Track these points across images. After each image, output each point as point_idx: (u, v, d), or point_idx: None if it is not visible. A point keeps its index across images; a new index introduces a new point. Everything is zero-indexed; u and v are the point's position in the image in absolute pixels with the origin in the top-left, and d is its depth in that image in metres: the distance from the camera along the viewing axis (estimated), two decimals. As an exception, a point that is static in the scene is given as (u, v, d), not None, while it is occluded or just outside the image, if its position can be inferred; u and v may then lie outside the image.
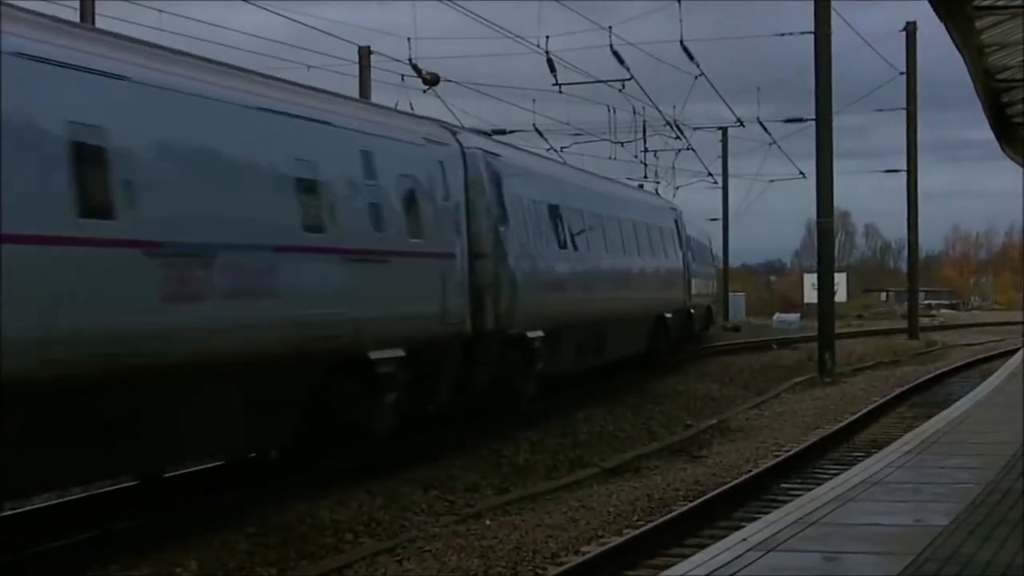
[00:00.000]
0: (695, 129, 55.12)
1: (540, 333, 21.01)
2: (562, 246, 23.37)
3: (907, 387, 28.11)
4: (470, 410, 19.51)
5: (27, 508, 13.10)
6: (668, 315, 32.19)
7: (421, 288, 16.58)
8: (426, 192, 17.02)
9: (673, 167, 51.24)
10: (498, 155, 20.49)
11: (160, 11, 31.20)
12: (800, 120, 49.74)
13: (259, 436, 14.06)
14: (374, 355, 15.13)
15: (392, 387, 15.65)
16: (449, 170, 17.94)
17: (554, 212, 23.06)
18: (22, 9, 11.13)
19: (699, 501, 14.26)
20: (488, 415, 20.34)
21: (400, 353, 15.65)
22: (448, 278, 17.22)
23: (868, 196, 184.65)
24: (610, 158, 45.72)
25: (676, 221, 36.53)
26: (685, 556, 9.80)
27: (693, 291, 37.79)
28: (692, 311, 37.18)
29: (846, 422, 21.59)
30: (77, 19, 23.66)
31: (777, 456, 17.98)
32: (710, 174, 56.34)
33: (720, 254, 63.10)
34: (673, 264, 34.10)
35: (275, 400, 13.69)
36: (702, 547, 9.80)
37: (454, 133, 19.24)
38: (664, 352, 32.02)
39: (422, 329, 16.50)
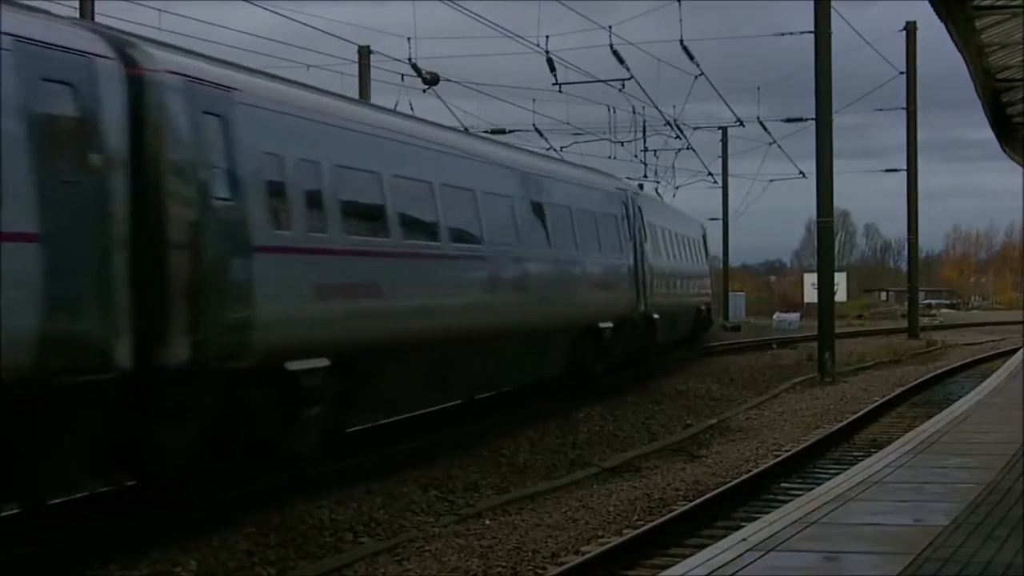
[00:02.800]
0: (695, 129, 55.31)
1: None
2: None
3: (907, 387, 28.10)
4: None
5: (26, 508, 13.10)
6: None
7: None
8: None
9: (673, 167, 51.40)
10: None
11: (160, 11, 31.27)
12: (800, 120, 49.80)
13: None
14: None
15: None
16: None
17: None
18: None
19: (699, 501, 14.25)
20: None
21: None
22: None
23: (868, 196, 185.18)
24: (610, 157, 45.82)
25: None
26: (685, 556, 9.80)
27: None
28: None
29: (846, 422, 21.58)
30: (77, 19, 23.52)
31: (777, 456, 17.97)
32: (710, 174, 56.50)
33: (715, 252, 63.06)
34: None
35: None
36: (702, 547, 9.80)
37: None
38: None
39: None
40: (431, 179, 17.57)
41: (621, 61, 34.67)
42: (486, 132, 39.09)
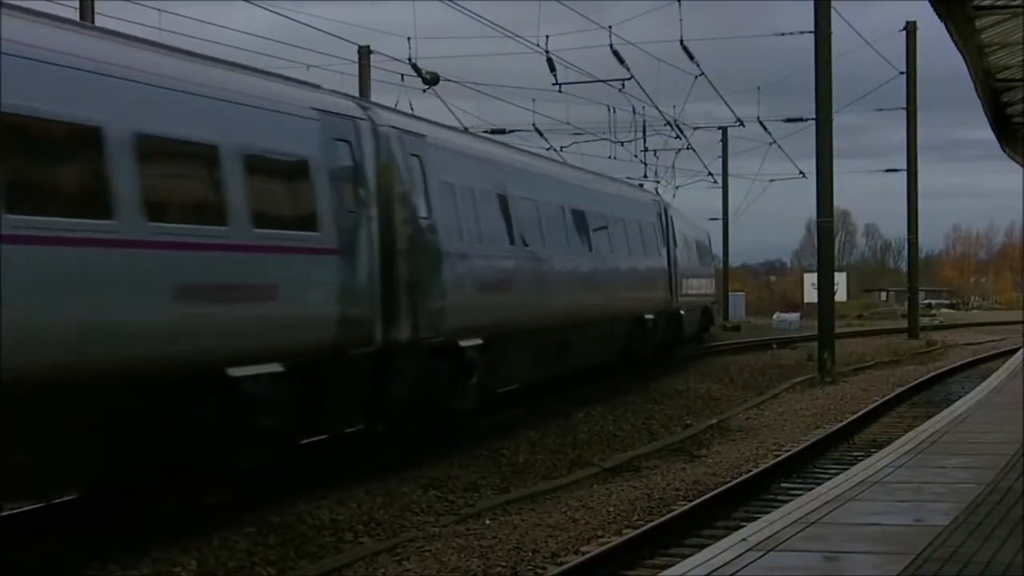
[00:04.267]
0: (695, 129, 55.28)
1: None
2: None
3: (907, 387, 28.09)
4: None
5: (27, 508, 13.10)
6: None
7: None
8: None
9: (673, 167, 51.31)
10: None
11: (160, 10, 31.29)
12: (800, 120, 49.82)
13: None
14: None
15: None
16: None
17: None
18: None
19: (699, 501, 14.25)
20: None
21: None
22: None
23: (868, 196, 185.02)
24: (610, 157, 45.80)
25: None
26: (685, 556, 9.80)
27: None
28: None
29: (846, 422, 21.58)
30: (76, 19, 23.58)
31: (777, 456, 17.97)
32: (710, 174, 56.40)
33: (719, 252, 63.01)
34: None
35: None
36: (702, 547, 9.80)
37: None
38: None
39: None
40: None
41: (621, 61, 34.66)
42: (486, 132, 39.09)
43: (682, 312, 33.39)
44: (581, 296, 23.90)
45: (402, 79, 34.00)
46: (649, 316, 29.23)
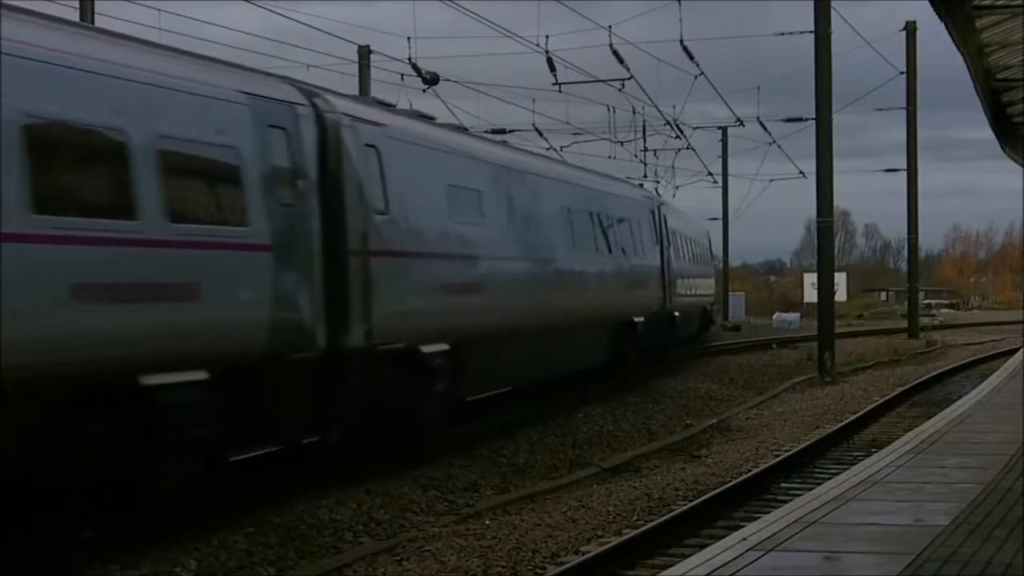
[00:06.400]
0: (695, 128, 55.38)
1: None
2: None
3: (907, 387, 28.09)
4: None
5: (27, 507, 13.09)
6: None
7: None
8: None
9: (673, 166, 51.37)
10: None
11: (160, 10, 31.29)
12: (800, 120, 49.82)
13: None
14: None
15: None
16: None
17: None
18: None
19: (699, 501, 14.25)
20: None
21: None
22: None
23: (868, 196, 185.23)
24: (610, 157, 45.81)
25: None
26: (685, 556, 9.81)
27: None
28: None
29: (846, 422, 21.58)
30: (76, 18, 23.61)
31: (777, 456, 17.97)
32: (710, 173, 56.43)
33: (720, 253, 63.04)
34: None
35: None
36: (702, 547, 9.81)
37: None
38: None
39: None
40: None
41: (621, 61, 34.65)
42: (486, 132, 39.08)
43: (676, 314, 32.29)
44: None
45: (402, 79, 34.01)
46: (639, 319, 27.86)
